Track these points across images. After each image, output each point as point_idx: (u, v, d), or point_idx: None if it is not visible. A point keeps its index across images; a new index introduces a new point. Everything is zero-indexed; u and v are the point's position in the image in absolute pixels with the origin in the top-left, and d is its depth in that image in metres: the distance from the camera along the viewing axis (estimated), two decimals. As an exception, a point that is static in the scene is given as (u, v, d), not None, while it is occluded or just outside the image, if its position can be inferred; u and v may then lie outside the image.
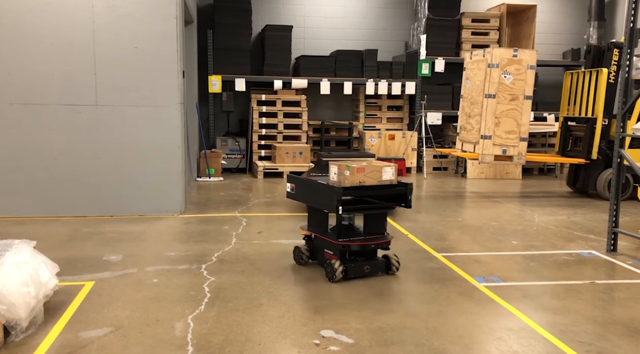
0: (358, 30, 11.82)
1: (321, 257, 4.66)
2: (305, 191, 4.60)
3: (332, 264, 4.32)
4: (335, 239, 4.39)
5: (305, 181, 4.64)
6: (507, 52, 7.95)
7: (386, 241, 4.53)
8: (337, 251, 4.40)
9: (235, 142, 10.63)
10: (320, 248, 4.66)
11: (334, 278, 4.31)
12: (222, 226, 6.21)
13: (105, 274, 4.46)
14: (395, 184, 4.45)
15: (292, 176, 4.78)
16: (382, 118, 11.59)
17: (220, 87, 10.48)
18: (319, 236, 4.60)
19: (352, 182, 4.26)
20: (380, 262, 4.57)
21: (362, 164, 4.40)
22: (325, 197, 4.29)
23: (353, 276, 4.41)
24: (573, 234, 6.13)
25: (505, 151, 8.11)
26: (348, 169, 4.28)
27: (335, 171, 4.36)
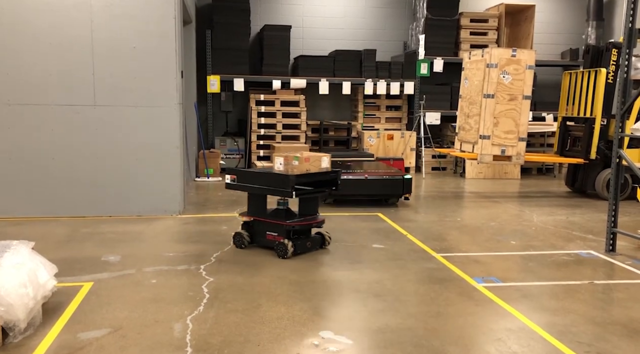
0: (357, 30, 11.82)
1: (263, 239, 5.23)
2: (253, 181, 5.17)
3: (284, 243, 4.94)
4: (283, 221, 5.03)
5: (254, 172, 5.26)
6: (505, 52, 7.95)
7: (322, 221, 5.31)
8: (285, 231, 5.04)
9: (234, 142, 10.62)
10: (262, 231, 5.22)
11: (287, 255, 4.93)
12: (220, 226, 6.20)
13: (103, 275, 4.45)
14: (330, 171, 5.30)
15: (232, 168, 5.40)
16: (380, 118, 11.59)
17: (218, 87, 10.47)
18: (263, 220, 5.18)
19: (300, 170, 4.97)
20: (317, 238, 5.31)
21: (306, 154, 5.10)
22: (280, 185, 4.93)
23: (299, 251, 5.09)
24: (572, 234, 6.14)
25: (504, 151, 8.11)
26: (297, 159, 4.96)
27: (281, 162, 5.03)
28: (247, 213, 5.33)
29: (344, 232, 6.00)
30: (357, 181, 7.35)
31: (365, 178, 7.38)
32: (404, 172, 7.68)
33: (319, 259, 5.00)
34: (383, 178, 7.43)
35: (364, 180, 7.37)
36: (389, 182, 7.44)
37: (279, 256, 4.98)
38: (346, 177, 7.29)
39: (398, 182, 7.43)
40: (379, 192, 7.54)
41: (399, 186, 7.44)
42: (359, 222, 6.51)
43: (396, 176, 7.47)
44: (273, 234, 5.12)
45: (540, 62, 10.97)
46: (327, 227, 6.20)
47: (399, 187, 7.45)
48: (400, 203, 7.70)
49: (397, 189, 7.48)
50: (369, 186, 7.40)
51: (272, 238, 5.12)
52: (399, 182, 7.43)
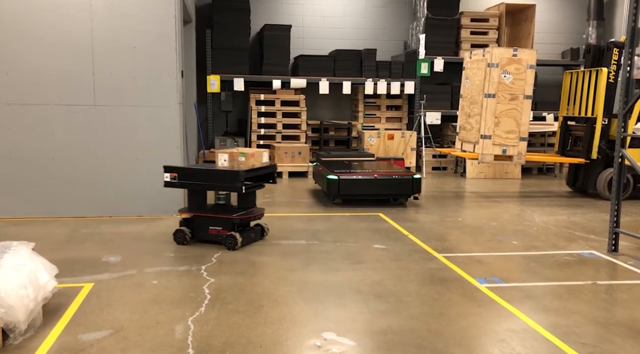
0: (357, 29, 11.79)
1: (205, 234, 5.37)
2: (197, 178, 5.29)
3: (234, 235, 5.14)
4: (230, 215, 5.23)
5: (199, 169, 5.38)
6: (506, 52, 7.93)
7: (262, 213, 5.58)
8: (230, 224, 5.22)
9: (234, 142, 10.60)
10: (204, 227, 5.36)
11: (237, 246, 5.15)
12: (221, 226, 6.17)
13: (104, 276, 4.42)
14: (269, 165, 5.62)
15: (172, 166, 5.48)
16: (381, 118, 11.57)
17: (218, 87, 10.44)
18: (205, 215, 5.34)
19: (247, 165, 5.23)
20: (258, 229, 5.56)
21: (251, 150, 5.36)
22: (229, 181, 5.12)
23: (245, 243, 5.30)
24: (574, 234, 6.12)
25: (505, 151, 8.09)
26: (243, 156, 5.21)
27: (225, 158, 5.25)
28: (187, 210, 5.46)
29: (345, 233, 5.98)
30: (366, 180, 7.36)
31: (375, 178, 7.38)
32: (413, 172, 7.68)
33: (320, 259, 4.98)
34: (392, 178, 7.45)
35: (373, 180, 7.37)
36: (398, 182, 7.46)
37: (229, 248, 5.17)
38: (355, 177, 7.31)
39: (407, 182, 7.45)
40: (388, 192, 7.55)
41: (409, 185, 7.46)
42: (359, 223, 6.49)
43: (406, 176, 7.50)
44: (217, 228, 5.29)
45: (540, 61, 10.94)
46: (328, 228, 6.18)
47: (409, 187, 7.47)
48: (400, 203, 7.68)
49: (407, 189, 7.50)
50: (378, 185, 7.41)
51: (216, 232, 5.29)
52: (408, 182, 7.45)
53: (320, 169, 7.96)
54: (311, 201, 7.84)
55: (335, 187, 7.29)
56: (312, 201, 7.84)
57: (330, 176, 7.32)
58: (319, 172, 8.02)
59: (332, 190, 7.33)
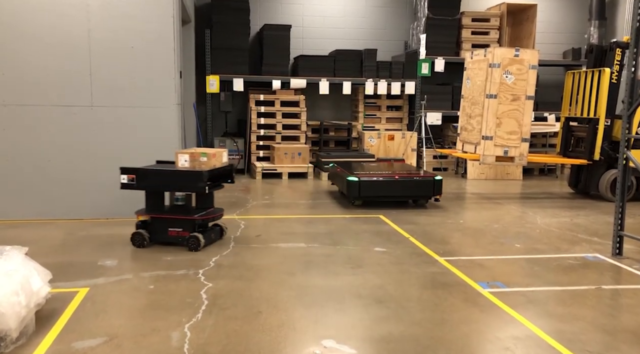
0: (357, 29, 11.71)
1: (164, 236, 5.27)
2: (157, 180, 5.21)
3: (197, 236, 5.09)
4: (191, 216, 5.17)
5: (159, 170, 5.25)
6: (508, 52, 7.85)
7: (222, 213, 5.49)
8: (191, 225, 5.16)
9: (233, 142, 10.52)
10: (162, 228, 5.26)
11: (200, 247, 5.11)
12: (219, 229, 6.09)
13: (99, 280, 4.34)
14: (227, 165, 5.55)
15: (130, 167, 5.32)
16: (381, 118, 11.49)
17: (218, 87, 10.36)
18: (164, 216, 5.26)
19: (208, 166, 5.16)
20: (217, 230, 5.52)
21: (212, 150, 5.30)
22: (192, 181, 5.08)
23: (207, 243, 5.25)
24: (577, 236, 6.04)
25: (507, 152, 8.01)
26: (205, 156, 5.15)
27: (186, 159, 5.19)
28: (144, 211, 5.35)
29: (345, 235, 5.90)
30: (387, 182, 7.31)
31: (396, 179, 7.32)
32: (434, 174, 7.63)
33: (319, 263, 4.90)
34: (414, 179, 7.39)
35: (394, 181, 7.31)
36: (419, 184, 7.41)
37: (192, 250, 5.13)
38: (376, 179, 7.26)
39: (429, 183, 7.41)
40: (409, 193, 7.50)
41: (430, 187, 7.42)
42: (360, 225, 6.41)
43: (427, 177, 7.45)
44: (177, 230, 5.21)
45: (542, 62, 10.84)
46: (328, 230, 6.10)
47: (430, 189, 7.43)
48: (402, 205, 7.60)
49: (428, 191, 7.45)
50: (399, 187, 7.36)
51: (176, 234, 5.22)
52: (429, 183, 7.41)
53: (339, 171, 7.88)
54: (310, 202, 7.77)
55: (356, 188, 7.22)
56: (311, 202, 7.77)
57: (350, 178, 7.24)
58: (337, 174, 7.93)
59: (353, 192, 7.25)
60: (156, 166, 5.51)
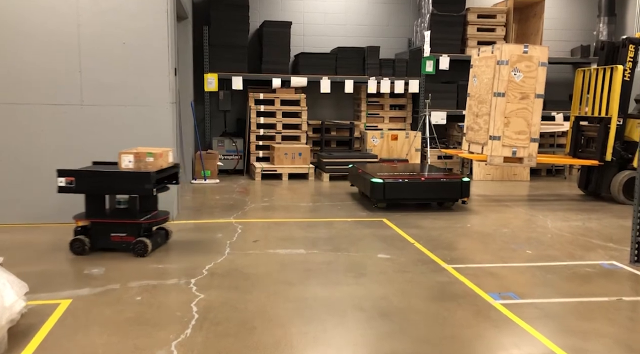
0: (359, 26, 11.42)
1: (107, 242, 4.98)
2: (99, 182, 4.88)
3: (144, 241, 4.84)
4: (136, 219, 4.91)
5: (101, 172, 4.91)
6: (517, 49, 7.55)
7: (168, 217, 5.26)
8: (136, 230, 4.90)
9: (232, 142, 10.23)
10: (104, 233, 4.97)
11: (147, 253, 4.85)
12: (215, 234, 5.81)
13: (84, 291, 4.06)
14: (173, 165, 5.29)
15: (68, 170, 4.98)
16: (384, 118, 11.20)
17: (216, 86, 10.08)
18: (107, 221, 4.96)
19: (155, 166, 4.90)
20: (162, 233, 5.29)
21: (159, 150, 5.02)
22: (138, 183, 4.79)
23: (154, 248, 5.01)
24: (591, 242, 5.74)
25: (515, 152, 7.71)
26: (151, 156, 4.89)
27: (131, 159, 4.89)
28: (84, 216, 5.04)
29: (347, 240, 5.61)
30: (413, 184, 7.05)
31: (422, 181, 7.06)
32: (461, 175, 7.36)
33: (319, 271, 4.62)
34: (440, 181, 7.13)
35: (420, 183, 7.06)
36: (446, 186, 7.14)
37: (139, 255, 4.86)
38: (402, 181, 7.01)
39: (456, 185, 7.15)
40: (435, 196, 7.24)
41: (457, 189, 7.15)
42: (362, 229, 6.12)
43: (454, 179, 7.18)
44: (121, 235, 4.95)
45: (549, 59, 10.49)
46: (329, 235, 5.81)
47: (457, 191, 7.17)
48: (407, 208, 7.31)
49: (455, 193, 7.19)
50: (425, 189, 7.10)
51: (120, 239, 4.95)
52: (457, 185, 7.15)
53: (360, 172, 7.61)
54: (311, 205, 7.48)
55: (380, 191, 6.95)
56: (312, 205, 7.48)
57: (374, 179, 6.98)
58: (359, 175, 7.65)
59: (377, 194, 6.98)
60: (97, 167, 5.16)
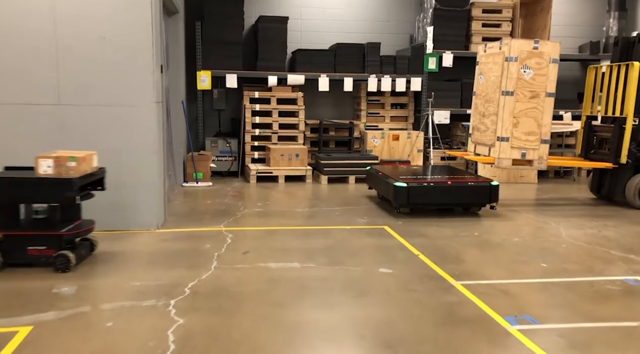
0: (359, 22, 10.96)
1: (23, 256, 4.52)
2: (11, 190, 4.42)
3: (66, 254, 4.42)
4: (58, 230, 4.50)
5: (14, 179, 4.46)
6: (526, 44, 7.09)
7: (93, 226, 4.85)
8: (58, 242, 4.48)
9: (226, 143, 9.78)
10: (19, 247, 4.51)
11: (69, 267, 4.43)
12: (203, 244, 5.37)
13: (48, 315, 3.61)
14: (98, 170, 4.88)
15: None
16: (385, 117, 10.75)
17: (209, 84, 9.63)
18: (21, 233, 4.50)
19: (78, 172, 4.49)
20: (87, 244, 4.86)
21: (82, 154, 4.62)
22: (59, 190, 4.38)
23: (78, 262, 4.59)
24: (610, 253, 5.29)
25: (525, 155, 7.26)
26: (74, 160, 4.47)
27: (50, 164, 4.46)
28: None
29: (346, 252, 5.16)
30: (438, 188, 6.67)
31: (449, 185, 6.66)
32: (490, 179, 6.95)
33: (314, 289, 4.17)
34: (468, 185, 6.73)
35: (446, 187, 6.67)
36: (474, 190, 6.75)
37: (60, 270, 4.44)
38: (426, 185, 6.63)
39: (484, 189, 6.75)
40: (462, 200, 6.83)
41: (486, 193, 6.76)
42: (362, 238, 5.68)
43: (482, 182, 6.80)
44: (39, 248, 4.50)
45: (558, 56, 10.11)
46: (326, 245, 5.36)
47: (485, 195, 6.77)
48: (408, 215, 6.86)
49: (483, 197, 6.79)
50: (451, 193, 6.70)
51: (38, 253, 4.50)
52: (485, 189, 6.75)
53: (381, 175, 7.20)
54: (307, 210, 7.03)
55: (404, 195, 6.56)
56: (308, 210, 7.03)
57: (397, 183, 6.58)
58: (379, 178, 7.25)
59: (400, 199, 6.58)
60: (9, 173, 4.62)
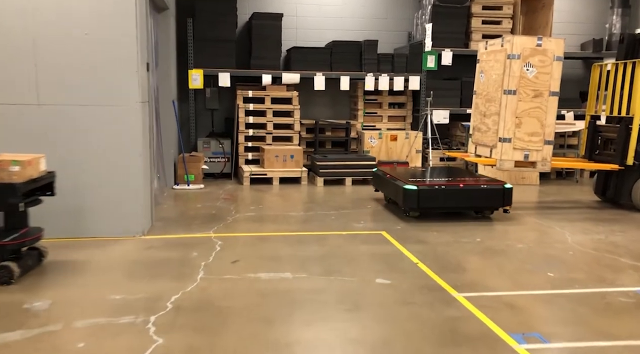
0: (356, 19, 10.67)
1: None
2: None
3: (8, 266, 4.14)
4: (0, 240, 4.22)
5: None
6: (529, 41, 6.81)
7: (41, 234, 4.55)
8: (1, 252, 4.19)
9: (218, 144, 9.48)
10: None
11: (13, 280, 4.14)
12: (190, 252, 5.08)
13: (15, 335, 3.32)
14: (46, 174, 4.60)
15: None
16: (382, 117, 10.46)
17: (202, 83, 9.34)
18: None
19: (22, 176, 4.24)
20: (34, 254, 4.58)
21: (27, 157, 4.34)
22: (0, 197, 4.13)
23: (24, 273, 4.31)
24: (619, 261, 5.01)
25: (527, 156, 6.98)
26: (17, 164, 4.21)
27: None
28: None
29: (341, 260, 4.88)
30: (450, 191, 6.41)
31: (461, 188, 6.42)
32: (503, 181, 6.69)
33: (306, 303, 3.89)
34: (480, 188, 6.48)
35: (458, 190, 6.41)
36: (487, 192, 6.50)
37: (3, 283, 4.12)
38: (438, 187, 6.37)
39: (498, 192, 6.51)
40: (474, 203, 6.60)
41: (499, 196, 6.52)
42: (358, 245, 5.39)
43: (495, 185, 6.55)
44: None
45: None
46: (321, 253, 5.07)
47: (499, 198, 6.53)
48: (407, 219, 6.57)
49: (496, 201, 6.55)
50: (463, 196, 6.45)
51: None
52: (498, 192, 6.51)
53: (389, 177, 6.95)
54: (302, 214, 6.74)
55: (414, 199, 6.30)
56: (303, 214, 6.74)
57: (407, 186, 6.31)
58: (387, 181, 6.99)
59: (410, 202, 6.33)
60: None
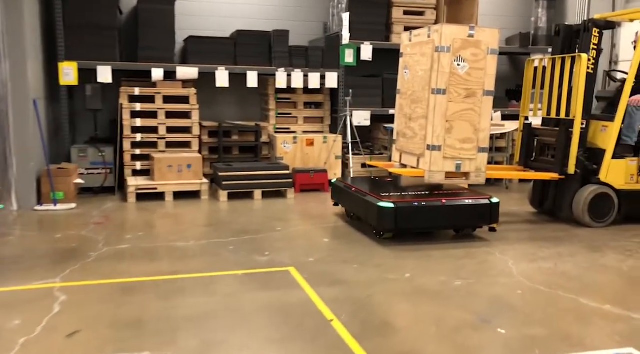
0: (264, 6, 9.38)
1: None
2: None
3: None
4: None
5: None
6: (460, 31, 5.79)
7: None
8: None
9: (98, 152, 7.85)
10: None
11: None
12: (12, 317, 3.57)
13: None
14: None
15: None
16: (298, 118, 9.24)
17: (76, 78, 7.70)
18: None
19: None
20: None
21: None
22: None
23: None
24: (580, 304, 4.04)
25: (460, 166, 5.96)
26: None
27: None
28: None
29: (228, 322, 3.56)
30: (431, 208, 5.49)
31: (443, 204, 5.49)
32: (489, 195, 5.79)
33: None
34: (465, 203, 5.60)
35: (440, 207, 5.50)
36: (472, 209, 5.65)
37: None
38: (417, 204, 5.44)
39: (484, 208, 5.69)
40: (458, 222, 5.75)
41: (485, 212, 5.70)
42: (257, 293, 4.10)
43: (481, 200, 5.69)
44: None
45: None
46: (202, 310, 3.71)
47: (485, 215, 5.71)
48: (321, 246, 5.37)
49: (483, 218, 5.73)
50: (446, 214, 5.55)
51: None
52: (484, 208, 5.69)
53: (354, 191, 5.97)
54: (192, 245, 5.35)
55: (391, 218, 5.32)
56: (193, 244, 5.35)
57: (382, 204, 5.30)
58: (352, 195, 6.00)
59: (385, 223, 5.36)
60: None
